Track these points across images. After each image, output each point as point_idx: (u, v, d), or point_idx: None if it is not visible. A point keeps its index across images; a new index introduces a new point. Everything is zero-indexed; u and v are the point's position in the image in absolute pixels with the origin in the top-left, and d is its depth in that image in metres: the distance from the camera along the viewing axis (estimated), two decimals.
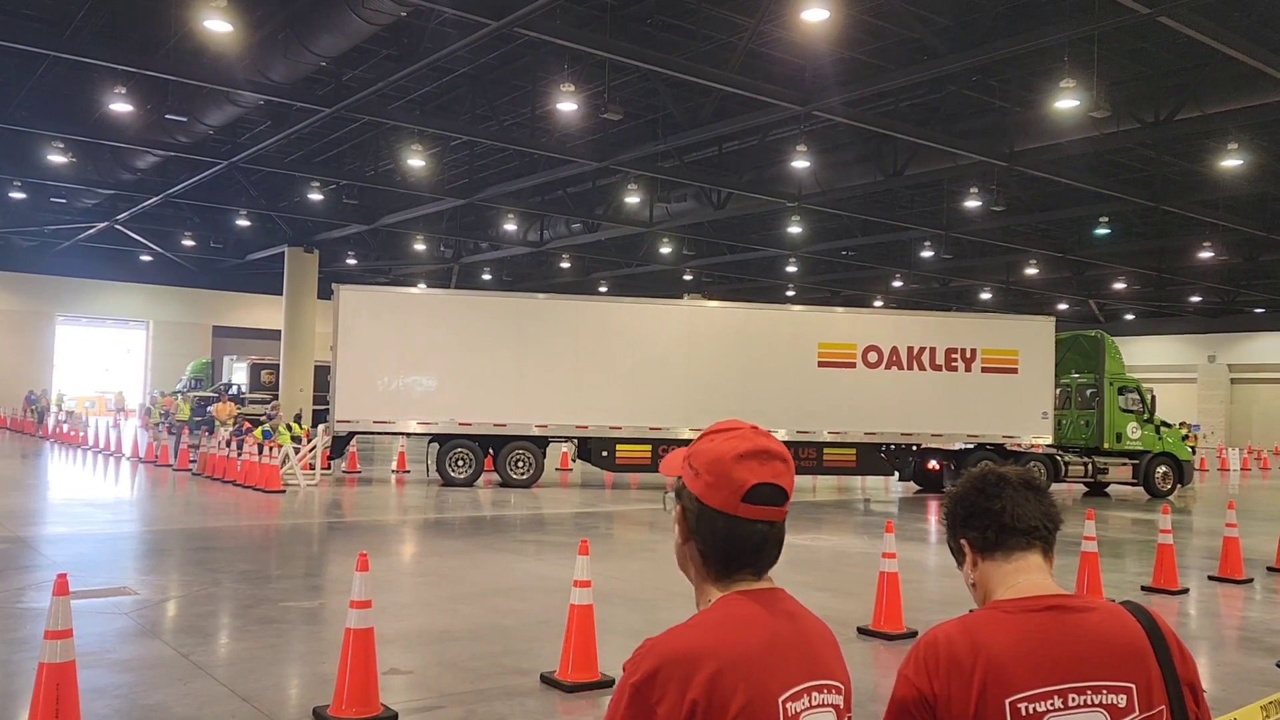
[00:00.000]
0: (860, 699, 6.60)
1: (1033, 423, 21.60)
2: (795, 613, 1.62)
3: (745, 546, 1.59)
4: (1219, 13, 14.14)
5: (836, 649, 1.65)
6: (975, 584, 1.82)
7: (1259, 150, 21.27)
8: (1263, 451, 39.89)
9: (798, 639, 1.57)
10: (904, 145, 20.93)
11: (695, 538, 1.61)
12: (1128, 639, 1.70)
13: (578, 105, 18.07)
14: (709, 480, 1.59)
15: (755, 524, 1.59)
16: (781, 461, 1.62)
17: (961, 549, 1.84)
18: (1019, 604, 1.71)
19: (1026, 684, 1.62)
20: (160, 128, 21.61)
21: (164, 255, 41.87)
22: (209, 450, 21.28)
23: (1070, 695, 1.63)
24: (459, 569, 11.13)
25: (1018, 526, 1.76)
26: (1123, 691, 1.65)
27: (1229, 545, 11.44)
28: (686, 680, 1.45)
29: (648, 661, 1.48)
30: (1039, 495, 1.81)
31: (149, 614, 8.50)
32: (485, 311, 20.70)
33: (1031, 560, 1.76)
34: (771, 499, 1.60)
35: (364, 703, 5.64)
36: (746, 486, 1.57)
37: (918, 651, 1.72)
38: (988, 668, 1.63)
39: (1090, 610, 1.72)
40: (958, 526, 1.85)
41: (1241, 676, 7.32)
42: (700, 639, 1.49)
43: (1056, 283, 40.71)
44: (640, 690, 1.47)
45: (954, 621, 1.73)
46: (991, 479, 1.82)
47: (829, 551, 13.39)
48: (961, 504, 1.84)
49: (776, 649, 1.53)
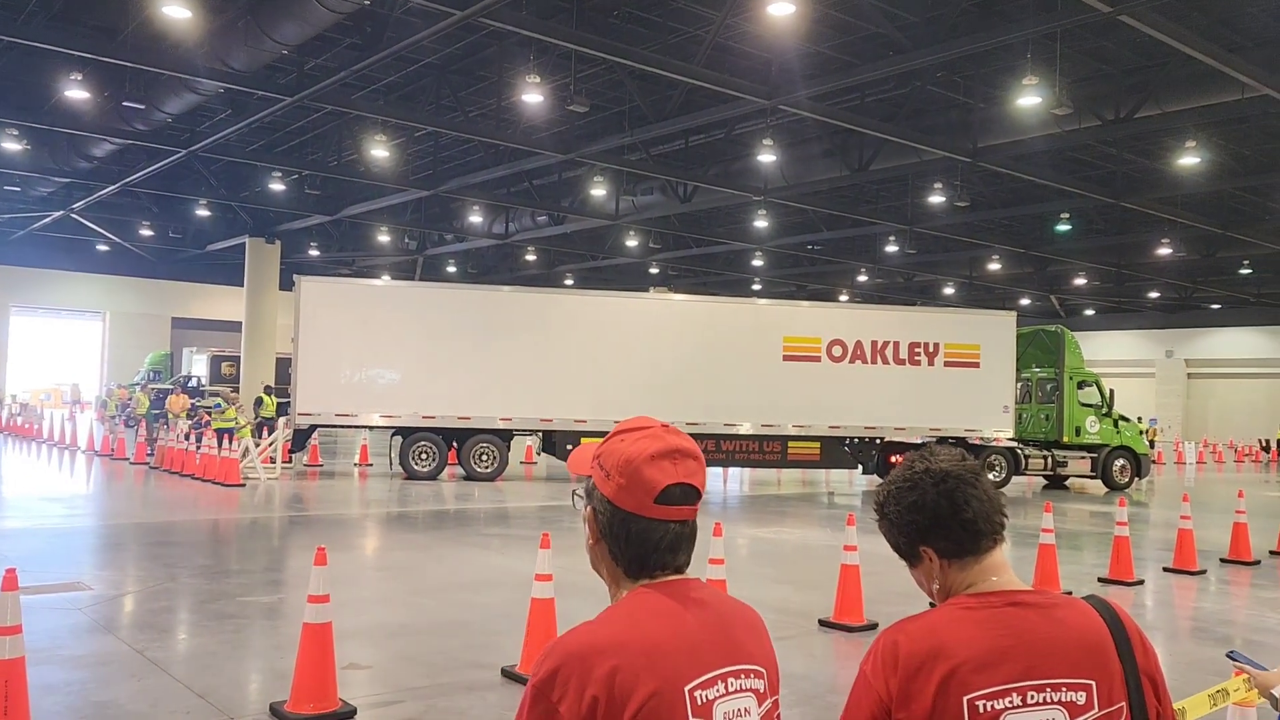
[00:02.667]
0: (819, 690, 6.64)
1: (994, 416, 21.83)
2: (707, 600, 1.60)
3: (659, 546, 1.57)
4: (1178, 12, 14.34)
5: (759, 633, 1.64)
6: (940, 588, 1.76)
7: (1216, 148, 21.62)
8: (1218, 445, 40.65)
9: (710, 626, 1.56)
10: (869, 140, 21.03)
11: (607, 539, 1.60)
12: (1089, 635, 1.68)
13: (543, 97, 17.96)
14: (621, 482, 1.57)
15: (668, 524, 1.58)
16: (694, 460, 1.62)
17: (921, 555, 1.76)
18: (980, 600, 1.69)
19: (985, 682, 1.60)
20: (117, 115, 21.18)
21: (121, 245, 41.14)
22: (167, 443, 20.96)
23: (1029, 693, 1.60)
24: (421, 563, 11.05)
25: (986, 530, 1.73)
26: (1082, 689, 1.63)
27: (1183, 537, 11.64)
28: (586, 676, 1.43)
29: (549, 661, 1.47)
30: (988, 487, 1.76)
31: (103, 610, 8.35)
32: (449, 304, 20.56)
33: (995, 557, 1.73)
34: (684, 498, 1.59)
35: (321, 698, 5.57)
36: (659, 488, 1.56)
37: (877, 650, 1.68)
38: (948, 666, 1.60)
39: (1051, 605, 1.70)
40: (919, 536, 1.74)
41: (1194, 666, 7.45)
42: (602, 634, 1.48)
43: (1019, 278, 41.19)
44: (541, 690, 1.46)
45: (915, 619, 1.70)
46: (951, 483, 1.72)
47: (792, 544, 13.45)
48: (923, 513, 1.73)
49: (684, 638, 1.51)
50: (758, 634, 1.64)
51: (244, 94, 19.70)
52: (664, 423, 1.66)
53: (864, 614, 8.31)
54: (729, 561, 8.16)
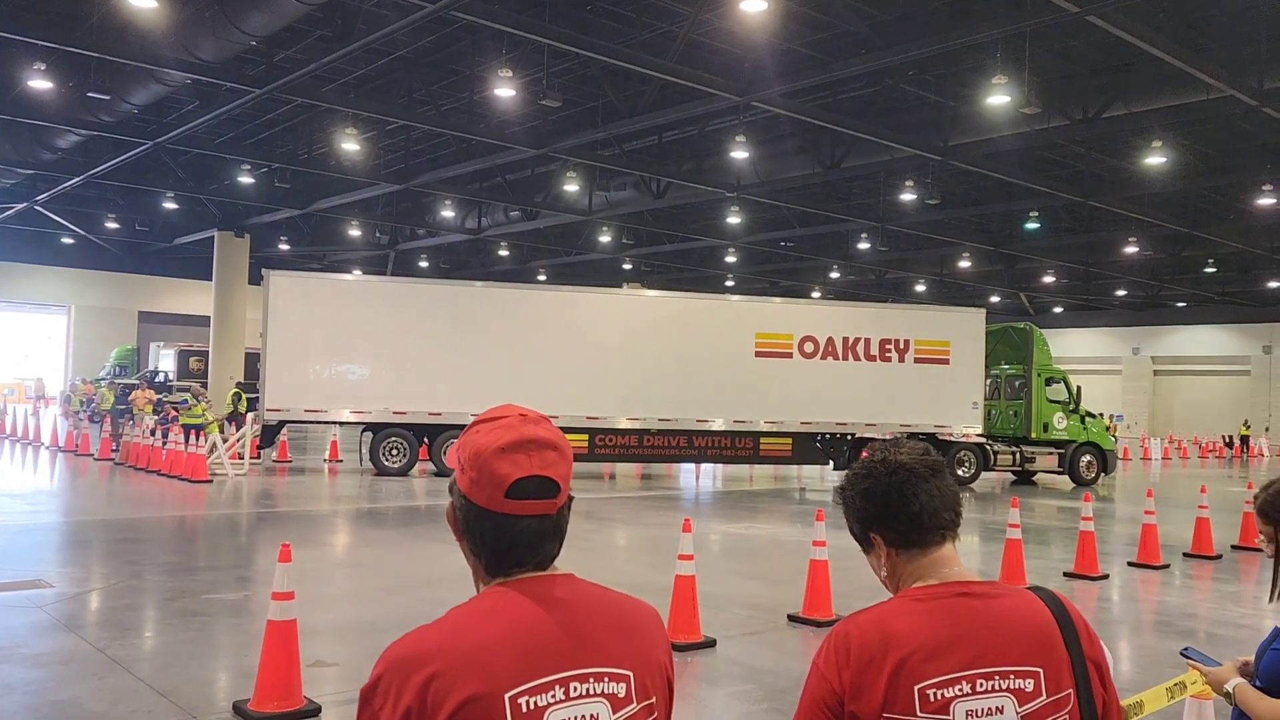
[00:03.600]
0: (787, 685, 6.65)
1: (963, 412, 22.01)
2: (567, 599, 1.50)
3: (516, 543, 1.50)
4: (1146, 13, 14.50)
5: (637, 633, 1.54)
6: (889, 576, 1.81)
7: (1182, 148, 21.90)
8: (1183, 441, 41.23)
9: (559, 627, 1.46)
10: (842, 138, 21.12)
11: (466, 536, 1.53)
12: (1035, 624, 1.71)
13: (516, 91, 17.89)
14: (473, 476, 1.49)
15: (524, 519, 1.49)
16: (553, 450, 1.51)
17: (872, 541, 1.81)
18: (929, 591, 1.72)
19: (935, 670, 1.63)
20: (82, 106, 20.87)
21: (87, 238, 40.58)
22: (132, 439, 20.70)
23: (978, 680, 1.63)
24: (390, 560, 10.98)
25: (934, 524, 1.76)
26: (1030, 676, 1.66)
27: (1147, 532, 11.79)
28: (404, 684, 1.38)
29: (377, 667, 1.43)
30: (944, 483, 1.79)
31: (65, 608, 8.23)
32: (420, 299, 20.44)
33: (945, 551, 1.77)
34: (540, 492, 1.49)
35: (286, 695, 5.52)
36: (510, 481, 1.47)
37: (829, 643, 1.70)
38: (898, 656, 1.63)
39: (998, 596, 1.73)
40: (869, 523, 1.80)
41: (1155, 659, 7.54)
42: (431, 638, 1.42)
43: (989, 276, 41.58)
44: (366, 698, 1.42)
45: (866, 612, 1.72)
46: (902, 475, 1.76)
47: (763, 540, 13.49)
48: (873, 501, 1.79)
49: (519, 640, 1.43)
50: (631, 634, 1.53)
51: (212, 85, 19.48)
52: (523, 410, 1.56)
53: (833, 609, 8.35)
54: (699, 557, 8.17)
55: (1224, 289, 43.80)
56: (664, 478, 22.50)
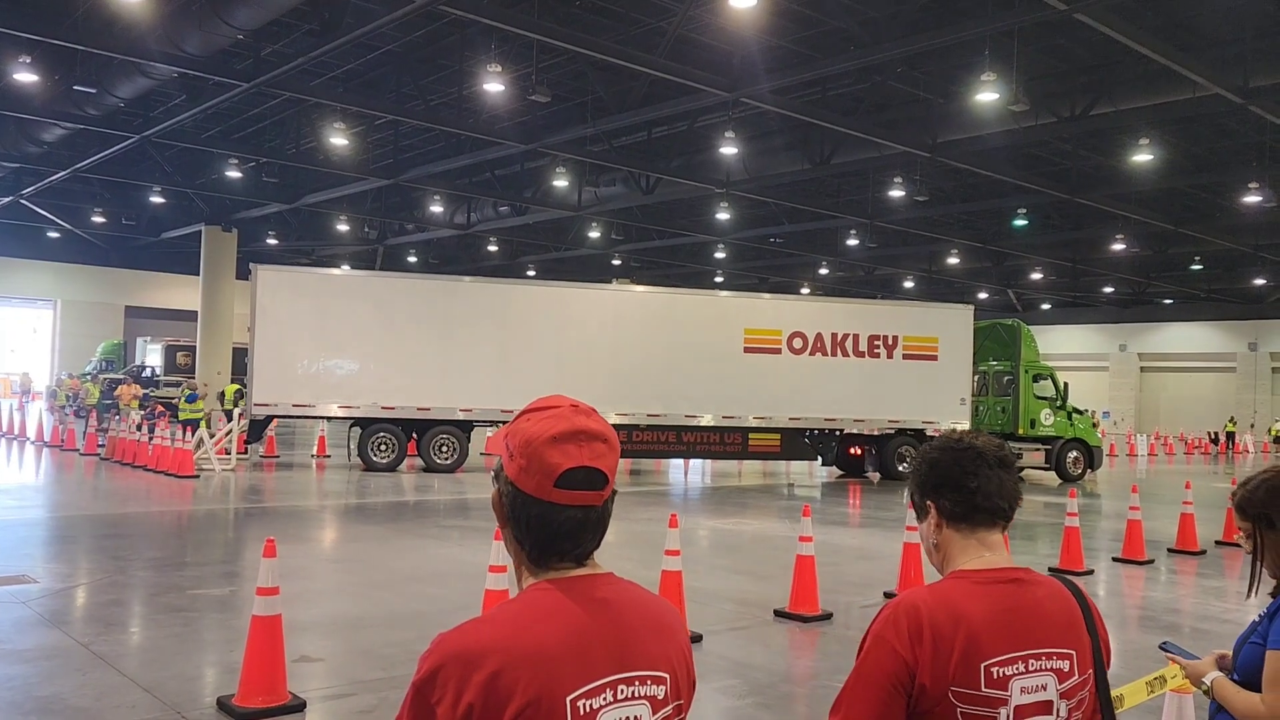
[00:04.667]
0: (772, 680, 6.68)
1: (951, 408, 22.08)
2: (611, 600, 1.53)
3: (560, 533, 1.50)
4: (1132, 12, 14.57)
5: (668, 634, 1.57)
6: (937, 545, 1.93)
7: (1168, 146, 21.99)
8: (1169, 437, 41.46)
9: (607, 629, 1.49)
10: (831, 134, 21.14)
11: (511, 523, 1.53)
12: (1068, 610, 1.88)
13: (505, 86, 17.85)
14: (522, 464, 1.50)
15: (570, 509, 1.50)
16: (602, 442, 1.53)
17: (927, 509, 1.93)
18: (986, 575, 1.85)
19: (997, 649, 1.76)
20: (68, 99, 20.74)
21: (73, 232, 40.33)
22: (118, 434, 20.60)
23: (1030, 660, 1.79)
24: (377, 555, 10.96)
25: (987, 506, 1.88)
26: (1066, 657, 1.83)
27: (1132, 528, 11.85)
28: (465, 681, 1.38)
29: (431, 659, 1.42)
30: (1009, 474, 1.91)
31: (50, 603, 8.19)
32: (408, 294, 20.38)
33: (994, 537, 1.90)
34: (588, 483, 1.50)
35: (270, 691, 5.51)
36: (560, 471, 1.48)
37: (898, 618, 1.78)
38: (968, 635, 1.75)
39: (1040, 584, 1.89)
40: (928, 490, 1.92)
41: (1139, 654, 7.58)
42: (488, 635, 1.42)
43: (977, 272, 41.70)
44: (421, 690, 1.41)
45: (929, 590, 1.84)
46: (970, 454, 1.89)
47: (751, 535, 13.51)
48: (936, 470, 1.91)
49: (575, 642, 1.44)
50: (665, 636, 1.56)
51: (199, 79, 19.37)
52: (574, 401, 1.57)
53: (819, 604, 8.37)
54: (687, 552, 8.18)
55: (1210, 286, 44.03)
56: (652, 473, 22.51)
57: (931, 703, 1.74)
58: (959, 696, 1.74)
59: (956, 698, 1.73)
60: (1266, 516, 2.49)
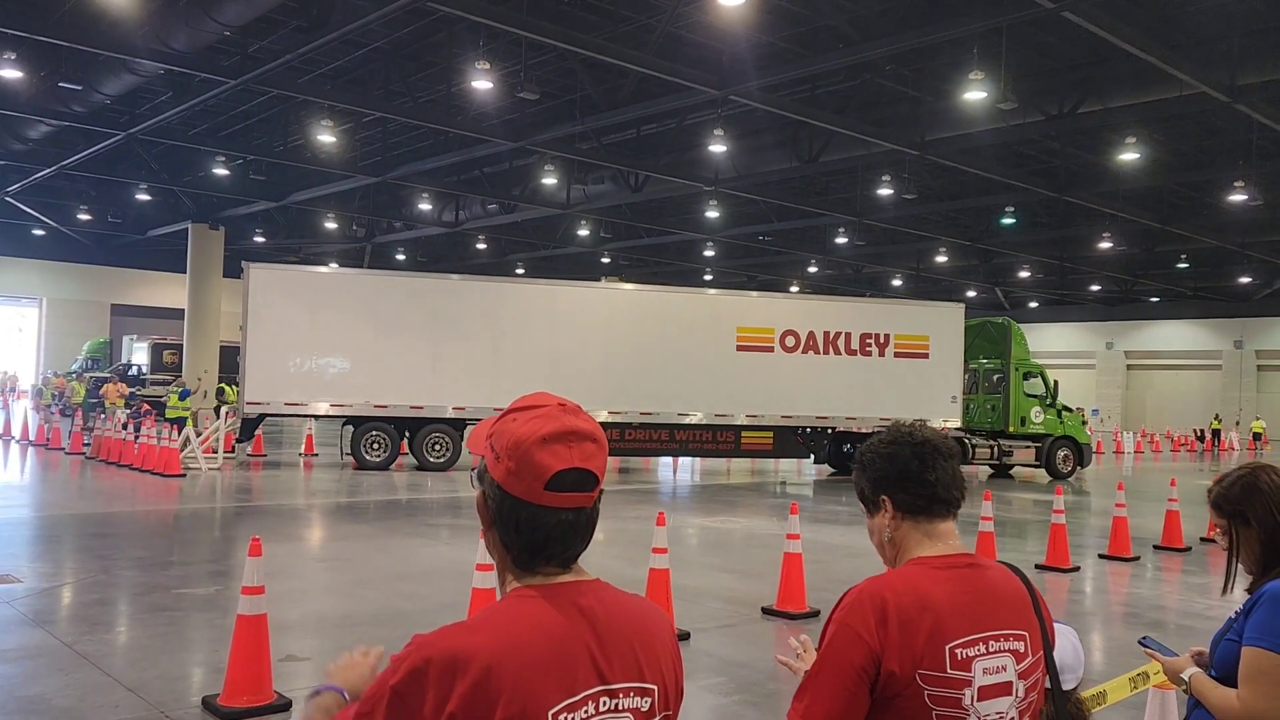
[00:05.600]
0: (759, 678, 6.68)
1: (943, 406, 22.17)
2: (597, 609, 1.47)
3: (550, 536, 1.46)
4: (1120, 10, 14.60)
5: (658, 644, 1.53)
6: (891, 539, 1.94)
7: (1155, 144, 22.09)
8: (1155, 435, 41.66)
9: (592, 640, 1.44)
10: (820, 132, 21.15)
11: (497, 527, 1.49)
12: (1019, 593, 1.92)
13: (494, 84, 17.80)
14: (510, 466, 1.45)
15: (561, 512, 1.46)
16: (592, 442, 1.49)
17: (881, 503, 1.94)
18: (945, 560, 1.88)
19: (960, 631, 1.80)
20: (54, 96, 20.59)
21: (59, 230, 40.06)
22: (104, 433, 20.49)
23: (990, 641, 1.83)
24: (364, 554, 10.93)
25: (944, 497, 1.91)
26: (1021, 638, 1.88)
27: (1118, 525, 11.91)
28: (448, 689, 1.34)
29: (411, 661, 1.36)
30: (956, 465, 1.96)
31: (35, 603, 8.14)
32: (401, 292, 20.34)
33: (948, 525, 1.94)
34: (578, 485, 1.46)
35: (256, 690, 5.49)
36: (550, 473, 1.44)
37: (863, 605, 1.80)
38: (934, 618, 1.78)
39: (991, 568, 1.94)
40: (884, 484, 1.93)
41: (1123, 650, 7.62)
42: (472, 641, 1.37)
43: (965, 270, 41.80)
44: (398, 693, 1.35)
45: (892, 576, 1.87)
46: (927, 448, 1.92)
47: (739, 533, 13.53)
48: (894, 464, 1.92)
49: (558, 654, 1.40)
50: (653, 646, 1.52)
51: (185, 76, 19.26)
52: (561, 399, 1.52)
53: (806, 602, 8.39)
54: (675, 550, 8.18)
55: (1196, 284, 44.25)
56: (641, 471, 22.51)
57: (900, 686, 1.75)
58: (925, 679, 1.76)
59: (923, 680, 1.76)
60: (1241, 513, 2.50)
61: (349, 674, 1.63)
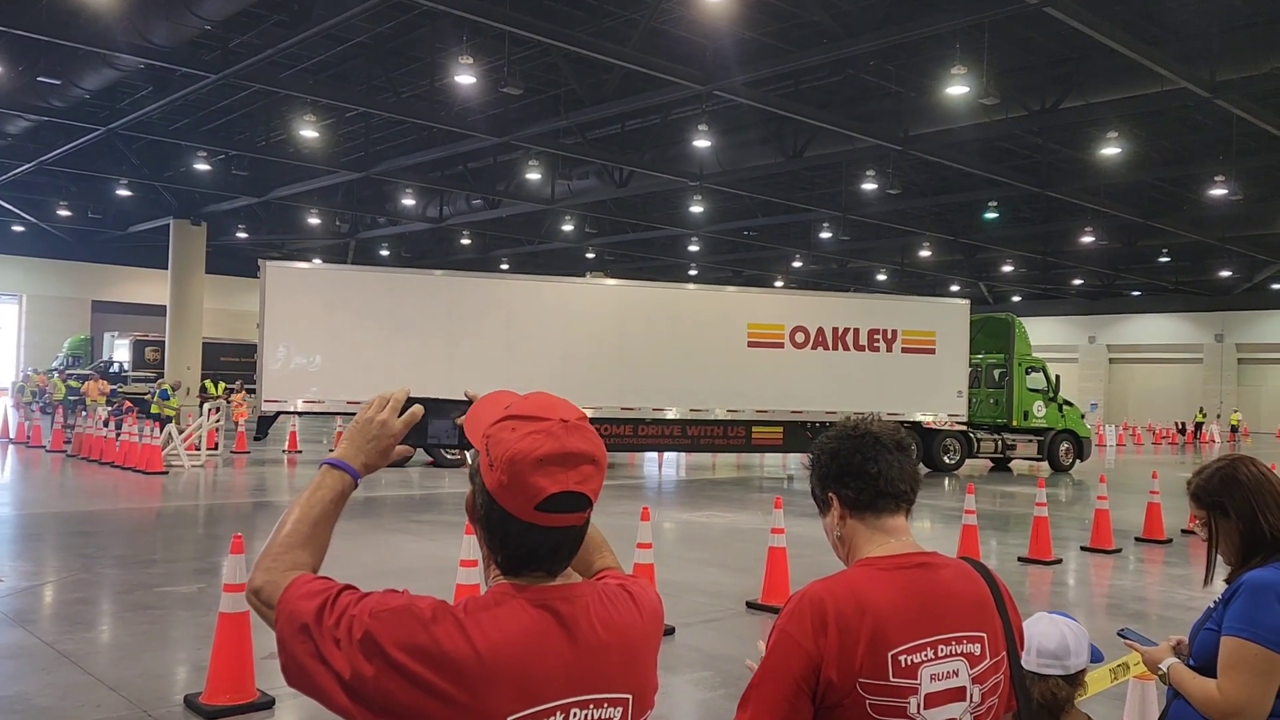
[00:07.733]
0: (745, 672, 6.67)
1: (948, 401, 22.32)
2: (579, 615, 1.44)
3: (537, 552, 1.44)
4: (1102, 5, 14.67)
5: (639, 653, 1.51)
6: (841, 538, 1.88)
7: (1137, 139, 22.21)
8: (1137, 428, 41.96)
9: (568, 648, 1.41)
10: (804, 127, 21.18)
11: (483, 530, 1.47)
12: (977, 592, 1.83)
13: (477, 79, 17.74)
14: (503, 480, 1.40)
15: (550, 531, 1.43)
16: (590, 464, 1.44)
17: (829, 501, 1.87)
18: (892, 561, 1.79)
19: (904, 637, 1.71)
20: (32, 90, 20.40)
21: (38, 226, 39.72)
22: (85, 430, 20.34)
23: (939, 646, 1.74)
24: (349, 550, 10.88)
25: (890, 491, 1.83)
26: (977, 641, 1.78)
27: (1100, 517, 12.00)
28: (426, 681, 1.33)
29: (372, 634, 1.35)
30: (907, 458, 1.87)
31: (15, 602, 8.08)
32: (415, 289, 20.29)
33: (898, 521, 1.85)
34: (571, 506, 1.42)
35: (238, 689, 5.46)
36: (543, 496, 1.39)
37: (801, 611, 1.72)
38: (874, 624, 1.70)
39: (945, 566, 1.84)
40: (830, 481, 1.87)
41: (1105, 641, 7.64)
42: (450, 637, 1.35)
43: (949, 265, 41.94)
44: (375, 679, 1.35)
45: (833, 580, 1.77)
46: (868, 440, 1.84)
47: (723, 528, 13.55)
48: (837, 460, 1.86)
49: (532, 661, 1.38)
50: (634, 654, 1.50)
51: (166, 70, 19.12)
52: (564, 413, 1.46)
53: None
54: (659, 545, 8.19)
55: (1178, 278, 44.54)
56: (626, 467, 22.52)
57: (840, 695, 1.68)
58: (867, 688, 1.68)
59: (865, 689, 1.68)
60: (1220, 505, 2.52)
61: (360, 440, 1.63)
